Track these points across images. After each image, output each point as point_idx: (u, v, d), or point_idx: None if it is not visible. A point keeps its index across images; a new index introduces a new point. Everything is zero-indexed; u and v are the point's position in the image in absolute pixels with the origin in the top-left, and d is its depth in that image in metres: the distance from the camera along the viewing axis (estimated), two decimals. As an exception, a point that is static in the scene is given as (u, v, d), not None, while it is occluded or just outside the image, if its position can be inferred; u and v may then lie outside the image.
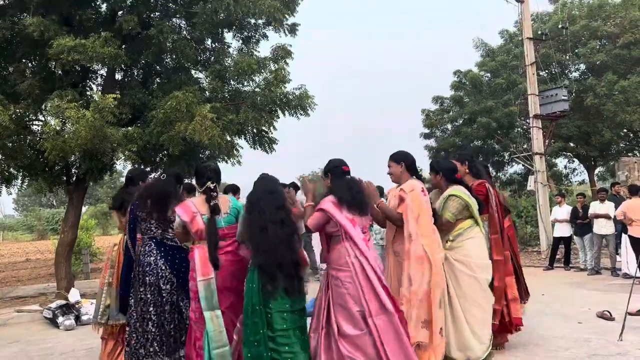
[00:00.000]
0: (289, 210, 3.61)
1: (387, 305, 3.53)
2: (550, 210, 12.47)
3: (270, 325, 3.36)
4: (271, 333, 3.35)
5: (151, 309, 3.86)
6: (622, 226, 9.64)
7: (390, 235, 4.24)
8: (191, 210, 3.74)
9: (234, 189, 6.97)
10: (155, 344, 3.83)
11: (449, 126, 22.29)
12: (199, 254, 3.67)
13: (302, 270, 3.55)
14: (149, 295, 3.87)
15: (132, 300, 4.00)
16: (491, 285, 4.43)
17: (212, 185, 3.82)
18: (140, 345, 3.84)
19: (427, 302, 3.85)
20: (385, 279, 3.75)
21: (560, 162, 22.83)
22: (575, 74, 20.33)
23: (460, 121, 21.59)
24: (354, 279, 3.59)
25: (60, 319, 6.69)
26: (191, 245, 3.85)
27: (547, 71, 19.30)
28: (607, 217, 10.06)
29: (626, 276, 9.30)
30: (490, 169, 22.25)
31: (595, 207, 10.33)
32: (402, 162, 4.24)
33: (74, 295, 7.50)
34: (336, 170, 3.97)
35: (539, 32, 15.95)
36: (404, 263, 3.93)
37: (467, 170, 4.79)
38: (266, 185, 3.66)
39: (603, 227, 10.15)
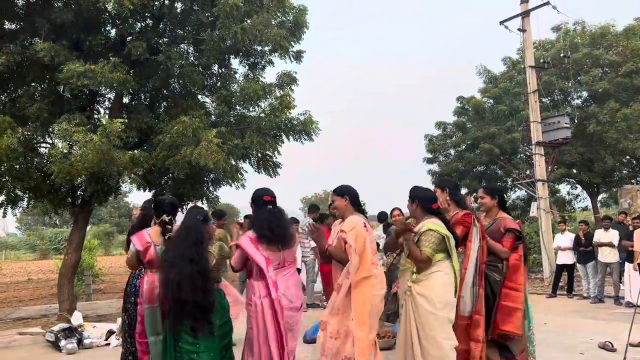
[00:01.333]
0: (204, 248, 3.53)
1: (274, 357, 3.51)
2: (553, 237, 12.46)
3: None
4: None
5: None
6: (626, 254, 9.64)
7: (338, 273, 4.06)
8: (145, 240, 3.88)
9: (219, 215, 6.96)
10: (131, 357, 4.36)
11: (452, 151, 22.42)
12: (148, 282, 3.83)
13: (207, 311, 3.42)
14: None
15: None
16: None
17: (167, 219, 3.94)
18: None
19: (351, 339, 3.82)
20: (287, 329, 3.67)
21: (563, 189, 22.88)
22: (578, 102, 20.50)
23: (463, 147, 21.71)
24: (256, 319, 3.59)
25: (62, 343, 6.69)
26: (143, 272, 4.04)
27: (549, 98, 19.48)
28: (611, 245, 10.06)
29: (629, 305, 9.27)
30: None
31: (600, 235, 10.33)
32: (346, 195, 4.18)
33: (76, 318, 7.51)
34: (258, 200, 3.88)
35: (542, 60, 16.16)
36: (336, 296, 3.93)
37: (447, 199, 4.51)
38: (187, 219, 3.65)
39: (607, 255, 10.15)
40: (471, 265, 4.26)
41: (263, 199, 3.84)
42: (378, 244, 4.68)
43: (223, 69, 10.69)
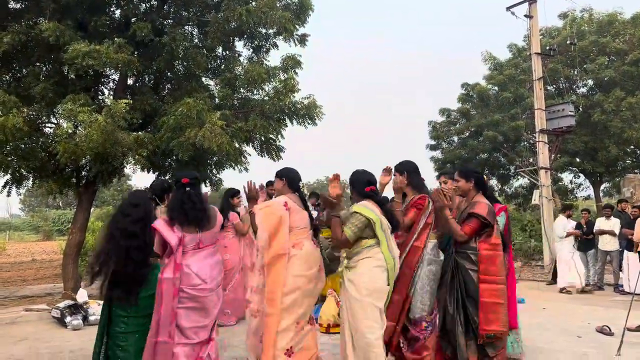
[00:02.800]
0: (145, 225, 3.73)
1: (161, 330, 3.64)
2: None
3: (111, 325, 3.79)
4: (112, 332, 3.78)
5: None
6: (626, 243, 9.67)
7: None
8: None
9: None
10: None
11: (455, 138, 22.41)
12: None
13: (135, 284, 3.72)
14: None
15: None
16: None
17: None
18: None
19: (262, 318, 3.96)
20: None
21: (566, 177, 22.87)
22: (583, 90, 20.41)
23: (467, 134, 21.71)
24: (160, 295, 3.70)
25: (68, 319, 6.80)
26: None
27: (554, 86, 19.40)
28: (612, 233, 10.10)
29: (622, 292, 9.41)
30: (496, 182, 22.34)
31: (601, 224, 10.35)
32: (284, 177, 4.33)
33: (81, 296, 7.61)
34: (177, 183, 3.97)
35: (548, 47, 16.05)
36: (249, 273, 4.17)
37: (406, 182, 4.44)
38: (132, 198, 3.94)
39: (608, 244, 10.19)
40: (407, 248, 4.24)
41: (181, 182, 3.89)
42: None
43: (227, 52, 10.68)
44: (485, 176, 4.74)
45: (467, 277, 4.13)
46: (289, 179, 4.31)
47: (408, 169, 4.46)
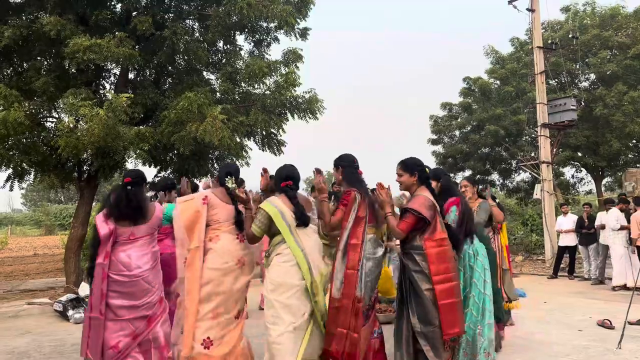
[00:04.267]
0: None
1: (93, 307, 4.01)
2: (556, 219, 12.49)
3: None
4: None
5: None
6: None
7: None
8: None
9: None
10: None
11: (457, 133, 22.36)
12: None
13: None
14: None
15: None
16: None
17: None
18: None
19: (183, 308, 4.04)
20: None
21: (568, 172, 22.84)
22: (585, 84, 20.36)
23: (469, 128, 21.66)
24: (93, 278, 4.07)
25: (70, 312, 6.83)
26: None
27: (556, 80, 19.33)
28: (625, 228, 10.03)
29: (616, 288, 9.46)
30: (497, 176, 22.32)
31: (602, 218, 10.33)
32: (232, 175, 4.27)
33: (84, 289, 7.64)
34: (122, 181, 4.28)
35: (550, 41, 16.01)
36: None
37: (340, 177, 4.26)
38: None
39: (608, 237, 10.18)
40: (341, 246, 3.96)
41: (124, 180, 4.20)
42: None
43: (228, 46, 10.67)
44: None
45: (412, 279, 3.88)
46: (219, 174, 4.41)
47: (342, 163, 4.26)
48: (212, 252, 4.04)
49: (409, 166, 4.09)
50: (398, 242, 4.18)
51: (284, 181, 4.03)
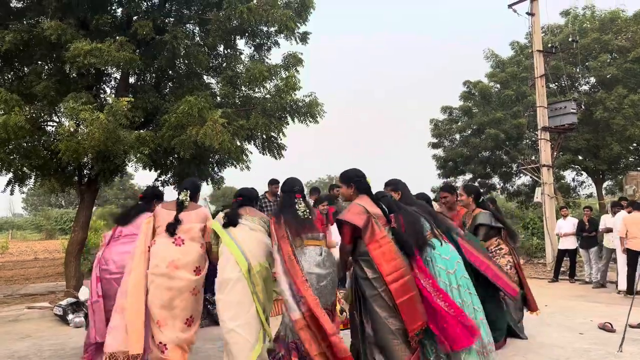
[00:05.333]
0: None
1: (92, 292, 4.68)
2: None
3: None
4: None
5: None
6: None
7: None
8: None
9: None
10: None
11: (457, 136, 22.39)
12: None
13: None
14: None
15: None
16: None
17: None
18: None
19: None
20: None
21: (569, 175, 22.85)
22: (585, 87, 20.39)
23: (469, 132, 21.69)
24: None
25: (70, 316, 6.83)
26: None
27: (556, 84, 19.37)
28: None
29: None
30: (498, 179, 22.32)
31: (607, 221, 10.26)
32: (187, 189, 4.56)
33: (84, 293, 7.62)
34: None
35: (550, 45, 16.03)
36: None
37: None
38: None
39: (614, 241, 10.12)
40: (280, 270, 4.00)
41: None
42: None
43: (229, 50, 10.67)
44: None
45: (360, 287, 3.96)
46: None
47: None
48: (150, 256, 4.30)
49: (345, 178, 4.29)
50: None
51: (234, 198, 4.49)
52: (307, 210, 4.28)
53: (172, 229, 4.27)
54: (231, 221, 4.24)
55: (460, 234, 4.81)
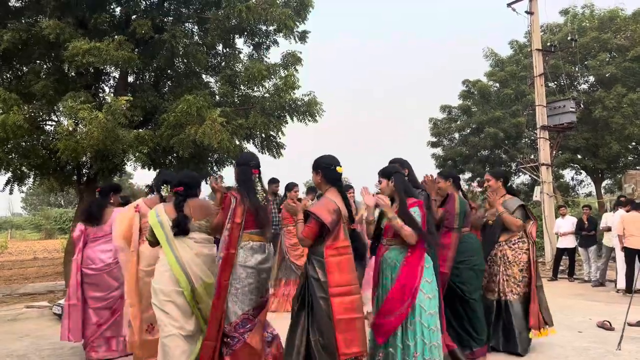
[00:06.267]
0: None
1: (71, 295, 5.06)
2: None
3: None
4: None
5: None
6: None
7: None
8: None
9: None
10: None
11: (457, 135, 22.40)
12: None
13: None
14: None
15: None
16: None
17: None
18: None
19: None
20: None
21: (568, 174, 22.86)
22: (584, 86, 20.39)
23: (468, 130, 21.70)
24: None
25: (68, 316, 6.80)
26: None
27: (555, 83, 19.37)
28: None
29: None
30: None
31: (608, 219, 10.23)
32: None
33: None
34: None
35: (549, 44, 16.03)
36: None
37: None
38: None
39: (614, 239, 10.09)
40: (221, 253, 3.73)
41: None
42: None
43: (227, 49, 10.69)
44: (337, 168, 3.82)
45: (311, 288, 3.60)
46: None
47: (237, 164, 4.11)
48: (140, 255, 4.54)
49: (314, 165, 3.87)
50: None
51: (175, 187, 4.01)
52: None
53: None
54: (182, 230, 3.86)
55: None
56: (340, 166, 3.80)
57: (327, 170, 3.79)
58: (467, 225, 4.82)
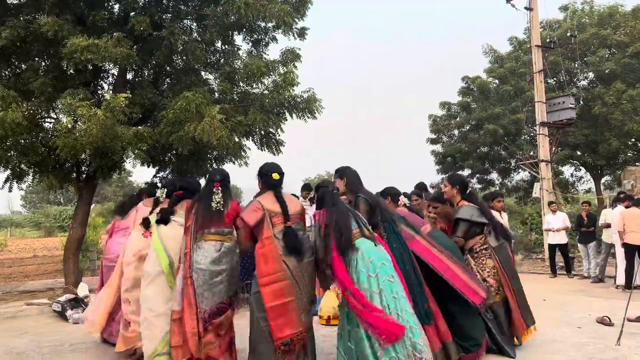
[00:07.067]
0: None
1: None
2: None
3: None
4: None
5: None
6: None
7: None
8: None
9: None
10: None
11: (456, 132, 22.39)
12: None
13: None
14: None
15: None
16: None
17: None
18: None
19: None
20: None
21: (567, 170, 22.88)
22: (584, 82, 20.38)
23: (467, 127, 21.69)
24: None
25: (69, 312, 6.82)
26: None
27: (555, 79, 19.36)
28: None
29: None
30: (496, 175, 22.31)
31: (607, 215, 10.23)
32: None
33: (82, 290, 7.62)
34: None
35: (548, 40, 16.03)
36: None
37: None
38: None
39: (614, 235, 10.08)
40: (180, 255, 4.22)
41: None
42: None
43: (226, 46, 10.64)
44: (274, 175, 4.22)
45: (253, 286, 3.92)
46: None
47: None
48: (129, 243, 4.98)
49: (257, 172, 4.30)
50: None
51: (176, 190, 4.70)
52: (221, 203, 4.20)
53: (145, 222, 4.87)
54: (163, 219, 4.50)
55: (421, 232, 4.59)
56: (277, 173, 4.20)
57: (265, 177, 4.21)
58: None
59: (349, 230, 3.93)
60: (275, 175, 4.18)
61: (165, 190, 4.86)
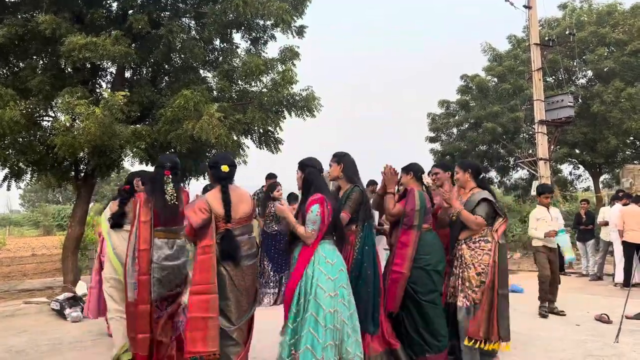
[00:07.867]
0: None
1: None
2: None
3: None
4: None
5: None
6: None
7: None
8: None
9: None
10: None
11: (455, 130, 22.41)
12: None
13: None
14: None
15: None
16: None
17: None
18: None
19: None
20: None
21: (566, 169, 22.90)
22: (583, 81, 20.40)
23: (466, 125, 21.72)
24: None
25: (67, 311, 6.80)
26: None
27: (553, 77, 19.37)
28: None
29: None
30: (495, 173, 22.32)
31: (605, 213, 10.23)
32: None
33: (81, 288, 7.61)
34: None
35: (547, 38, 16.03)
36: None
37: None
38: None
39: (612, 233, 10.08)
40: (129, 251, 4.16)
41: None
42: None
43: (225, 44, 10.63)
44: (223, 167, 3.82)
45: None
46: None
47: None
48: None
49: (207, 164, 4.17)
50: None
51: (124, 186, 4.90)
52: (175, 195, 4.13)
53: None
54: (116, 223, 4.70)
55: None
56: (227, 165, 3.80)
57: (213, 169, 3.85)
58: (426, 221, 4.38)
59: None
60: (225, 168, 3.79)
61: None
